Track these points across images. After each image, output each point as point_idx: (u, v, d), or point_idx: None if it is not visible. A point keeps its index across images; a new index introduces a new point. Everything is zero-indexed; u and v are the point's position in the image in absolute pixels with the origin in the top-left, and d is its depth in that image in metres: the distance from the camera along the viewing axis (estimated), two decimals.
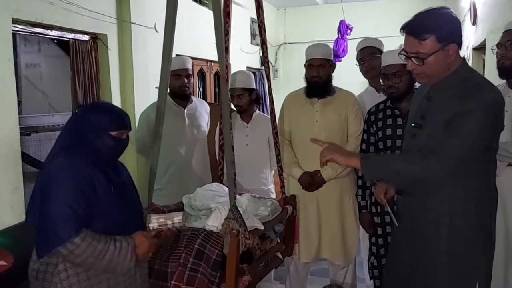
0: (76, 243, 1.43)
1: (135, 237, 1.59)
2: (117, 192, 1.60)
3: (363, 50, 2.90)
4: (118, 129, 1.61)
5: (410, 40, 1.60)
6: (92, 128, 1.58)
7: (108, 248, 1.49)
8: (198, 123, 3.00)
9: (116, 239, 1.52)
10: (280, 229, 2.23)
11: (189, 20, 4.70)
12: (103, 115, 1.61)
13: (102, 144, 1.59)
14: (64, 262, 1.48)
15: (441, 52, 1.57)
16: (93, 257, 1.46)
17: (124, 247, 1.53)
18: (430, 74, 1.63)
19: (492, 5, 3.96)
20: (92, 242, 1.45)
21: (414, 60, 1.60)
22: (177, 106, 2.95)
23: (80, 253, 1.44)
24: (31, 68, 6.37)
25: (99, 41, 3.49)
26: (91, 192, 1.50)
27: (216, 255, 1.83)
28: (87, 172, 1.51)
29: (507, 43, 2.13)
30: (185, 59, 2.94)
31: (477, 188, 1.64)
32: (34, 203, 1.50)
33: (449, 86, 1.63)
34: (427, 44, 1.56)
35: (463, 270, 1.66)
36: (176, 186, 2.79)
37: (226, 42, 2.33)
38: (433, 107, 1.67)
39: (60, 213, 1.43)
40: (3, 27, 2.59)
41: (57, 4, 2.95)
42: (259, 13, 2.27)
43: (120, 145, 1.65)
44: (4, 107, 2.59)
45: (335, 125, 2.57)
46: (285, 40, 7.96)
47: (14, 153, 2.64)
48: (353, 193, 2.60)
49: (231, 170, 1.86)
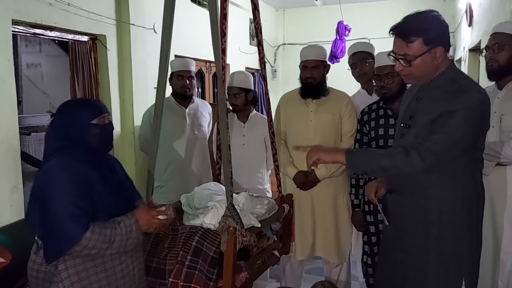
0: (88, 237, 1.46)
1: (135, 212, 1.63)
2: (113, 189, 1.62)
3: (354, 55, 2.93)
4: (97, 115, 1.63)
5: (398, 42, 1.64)
6: (73, 125, 1.59)
7: (116, 231, 1.53)
8: (199, 123, 3.05)
9: (119, 220, 1.56)
10: (277, 227, 2.26)
11: (188, 21, 4.73)
12: (77, 109, 1.63)
13: (89, 136, 1.60)
14: (64, 262, 1.50)
15: (428, 54, 1.61)
16: (106, 242, 1.50)
17: (128, 224, 1.57)
18: (417, 76, 1.67)
19: (487, 6, 4.00)
20: (101, 230, 1.49)
21: (401, 62, 1.64)
22: (179, 105, 3.01)
23: (94, 245, 1.48)
24: (32, 68, 6.38)
25: (98, 42, 3.53)
26: (90, 188, 1.52)
27: (213, 252, 1.87)
28: (82, 170, 1.53)
29: (495, 46, 2.17)
30: (188, 61, 3.01)
31: (464, 186, 1.68)
32: (34, 206, 1.51)
33: (437, 87, 1.66)
34: (415, 46, 1.60)
35: (449, 267, 1.70)
36: (175, 184, 2.86)
37: (223, 44, 2.37)
38: (421, 107, 1.71)
39: (67, 213, 1.45)
40: (3, 28, 2.62)
41: (56, 6, 2.98)
42: (255, 15, 2.31)
43: (106, 130, 1.66)
44: (3, 107, 2.62)
45: (329, 125, 2.61)
46: (284, 41, 8.01)
47: (13, 152, 2.67)
48: (347, 192, 2.64)
49: (227, 168, 1.90)
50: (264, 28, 8.11)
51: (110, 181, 1.63)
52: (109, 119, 1.69)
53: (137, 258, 1.70)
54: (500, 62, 2.15)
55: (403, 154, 1.62)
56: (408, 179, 1.74)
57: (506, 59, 2.14)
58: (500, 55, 2.15)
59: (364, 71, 2.87)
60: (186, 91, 2.95)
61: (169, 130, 2.87)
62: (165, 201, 2.36)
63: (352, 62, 2.94)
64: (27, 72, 6.32)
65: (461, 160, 1.65)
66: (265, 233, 2.20)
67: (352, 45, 3.03)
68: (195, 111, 3.05)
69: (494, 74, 2.22)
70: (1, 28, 2.62)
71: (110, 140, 1.73)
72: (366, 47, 2.96)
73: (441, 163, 1.63)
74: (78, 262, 1.51)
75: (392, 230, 1.85)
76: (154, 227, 1.67)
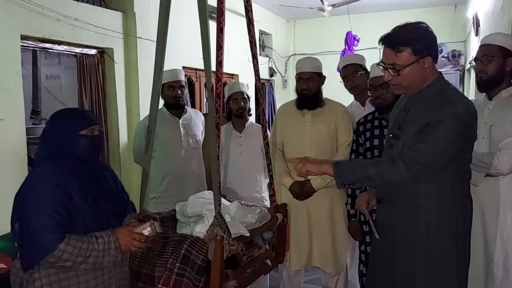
0: (62, 249, 1.48)
1: (117, 230, 1.63)
2: (93, 202, 1.63)
3: (345, 68, 2.94)
4: (86, 126, 1.64)
5: (387, 52, 1.67)
6: (61, 134, 1.62)
7: (93, 246, 1.54)
8: (193, 133, 3.11)
9: (98, 236, 1.57)
10: (269, 237, 2.28)
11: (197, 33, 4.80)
12: (67, 119, 1.65)
13: (76, 146, 1.62)
14: (39, 271, 1.52)
15: (416, 64, 1.63)
16: (81, 256, 1.52)
17: (107, 241, 1.57)
18: (405, 86, 1.70)
19: (490, 16, 3.98)
20: (76, 243, 1.50)
21: (390, 71, 1.67)
22: (172, 116, 3.07)
23: (67, 257, 1.49)
24: (51, 79, 6.56)
25: (106, 55, 3.65)
26: (68, 201, 1.54)
27: (201, 261, 1.90)
28: (63, 182, 1.55)
29: (483, 57, 2.17)
30: (177, 71, 3.07)
31: (450, 197, 1.69)
32: (15, 213, 1.55)
33: (425, 98, 1.69)
34: (403, 56, 1.63)
35: (436, 278, 1.70)
36: (172, 194, 2.90)
37: (220, 56, 2.44)
38: (409, 118, 1.73)
39: (42, 224, 1.47)
40: (11, 43, 2.76)
41: (64, 21, 3.11)
42: (249, 29, 2.36)
43: (93, 141, 1.66)
44: (12, 118, 2.75)
45: (325, 135, 2.64)
46: (294, 51, 8.05)
47: (20, 161, 2.79)
48: (343, 202, 2.65)
49: (216, 178, 1.94)
50: (275, 39, 8.13)
51: (93, 193, 1.64)
52: (99, 130, 1.71)
53: (115, 275, 1.70)
54: (489, 74, 2.15)
55: (388, 163, 1.65)
56: (396, 188, 1.76)
57: (495, 70, 2.13)
58: (489, 67, 2.14)
59: (356, 83, 2.90)
60: (179, 100, 3.02)
61: (164, 141, 2.96)
62: None
63: (343, 75, 2.96)
64: (46, 84, 6.51)
65: (448, 170, 1.66)
66: (256, 242, 2.23)
67: (342, 58, 3.06)
68: (189, 121, 3.11)
69: (484, 86, 2.21)
70: (10, 44, 2.75)
71: (97, 152, 1.74)
72: (357, 59, 2.99)
73: (427, 172, 1.65)
74: (52, 273, 1.54)
75: (381, 240, 1.86)
76: (133, 249, 1.66)
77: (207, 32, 2.01)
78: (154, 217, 2.21)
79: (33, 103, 5.83)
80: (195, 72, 4.99)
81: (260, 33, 7.05)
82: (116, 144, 3.77)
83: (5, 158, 2.70)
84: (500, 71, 2.14)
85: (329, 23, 7.14)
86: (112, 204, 1.73)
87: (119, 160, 3.76)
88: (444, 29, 6.70)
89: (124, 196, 1.88)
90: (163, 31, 2.16)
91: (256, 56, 2.44)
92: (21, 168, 2.79)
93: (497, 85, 2.17)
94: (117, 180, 1.87)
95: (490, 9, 3.96)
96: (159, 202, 2.94)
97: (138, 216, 2.00)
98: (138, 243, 1.65)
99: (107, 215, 1.68)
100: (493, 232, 2.13)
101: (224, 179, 2.90)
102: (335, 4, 5.59)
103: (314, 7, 5.79)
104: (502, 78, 2.16)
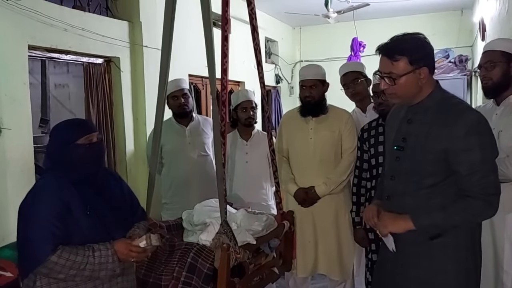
0: (54, 261, 1.49)
1: (115, 243, 1.62)
2: (93, 212, 1.62)
3: (345, 76, 2.95)
4: (82, 135, 1.63)
5: (384, 61, 1.67)
6: (59, 146, 1.63)
7: (88, 259, 1.54)
8: (200, 140, 3.12)
9: (95, 248, 1.57)
10: (276, 244, 2.28)
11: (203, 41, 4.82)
12: (62, 130, 1.66)
13: (75, 156, 1.61)
14: (40, 279, 1.54)
15: (412, 74, 1.62)
16: (74, 269, 1.53)
17: (104, 255, 1.57)
18: (401, 95, 1.68)
19: (496, 21, 3.97)
20: (69, 256, 1.51)
21: (386, 80, 1.66)
22: (179, 125, 3.11)
23: (60, 269, 1.51)
24: (60, 88, 6.62)
25: (112, 64, 3.68)
26: (66, 213, 1.55)
27: (207, 269, 1.90)
28: (62, 194, 1.56)
29: (487, 64, 2.16)
30: (179, 80, 3.11)
31: None
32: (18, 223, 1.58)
33: (427, 109, 1.67)
34: (399, 66, 1.62)
35: None
36: (179, 201, 2.94)
37: (225, 64, 2.45)
38: (414, 130, 1.70)
39: (37, 235, 1.50)
40: (19, 53, 2.79)
41: (71, 31, 3.15)
42: (254, 36, 2.38)
43: (92, 150, 1.65)
44: (20, 127, 2.78)
45: (329, 142, 2.64)
46: (300, 58, 8.06)
47: (28, 170, 2.81)
48: (348, 209, 2.63)
49: (221, 186, 1.95)
50: (281, 46, 8.15)
51: (94, 203, 1.64)
52: (98, 138, 1.69)
53: (117, 283, 1.69)
54: (494, 79, 2.14)
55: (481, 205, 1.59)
56: (409, 202, 1.71)
57: (499, 76, 2.12)
58: (493, 72, 2.14)
59: (357, 90, 2.91)
60: (184, 108, 3.05)
61: (170, 149, 3.02)
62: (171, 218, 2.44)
63: (344, 82, 2.97)
64: (55, 93, 6.58)
65: None
66: (263, 250, 2.22)
67: (342, 66, 3.07)
68: (196, 128, 3.13)
69: (490, 92, 2.21)
70: (18, 54, 2.79)
71: (97, 160, 1.71)
72: (356, 66, 3.00)
73: None
74: (53, 282, 1.55)
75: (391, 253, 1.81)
76: (132, 260, 1.67)
77: (211, 40, 2.02)
78: (161, 225, 2.22)
79: (42, 111, 5.90)
80: (201, 80, 5.01)
81: (266, 40, 7.07)
82: (123, 152, 3.78)
83: (13, 167, 2.73)
84: (505, 76, 2.13)
85: (334, 29, 7.15)
86: (116, 213, 1.72)
87: (126, 168, 3.78)
88: (450, 34, 6.68)
89: (132, 203, 1.86)
90: (168, 40, 2.17)
91: (261, 63, 2.45)
92: (29, 177, 2.81)
93: (503, 90, 2.16)
94: (125, 186, 1.85)
95: (496, 14, 3.95)
96: (168, 208, 3.02)
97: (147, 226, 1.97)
98: (136, 255, 1.65)
99: (108, 225, 1.66)
100: (502, 240, 2.10)
101: (230, 187, 2.90)
102: (340, 11, 5.61)
103: (320, 14, 5.80)
104: (507, 83, 2.15)
